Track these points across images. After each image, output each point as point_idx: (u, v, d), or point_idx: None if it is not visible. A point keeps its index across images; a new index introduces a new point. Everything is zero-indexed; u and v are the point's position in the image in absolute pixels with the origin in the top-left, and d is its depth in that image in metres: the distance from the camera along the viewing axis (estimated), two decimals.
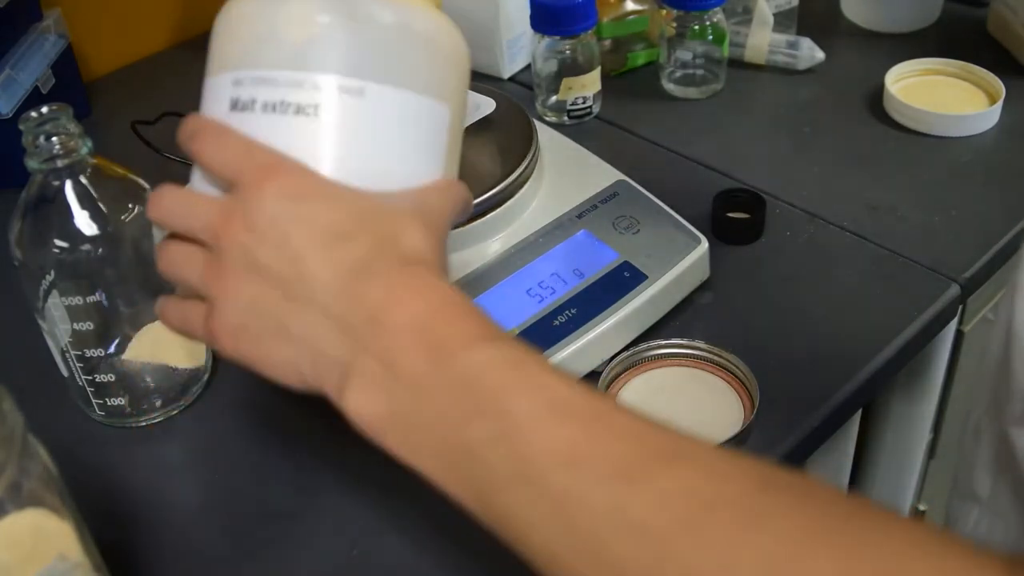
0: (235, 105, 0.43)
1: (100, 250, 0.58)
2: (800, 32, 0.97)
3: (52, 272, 0.58)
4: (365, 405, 0.38)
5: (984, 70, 0.88)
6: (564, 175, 0.72)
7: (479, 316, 0.39)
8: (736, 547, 0.32)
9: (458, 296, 0.40)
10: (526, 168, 0.68)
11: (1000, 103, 0.85)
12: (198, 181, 0.45)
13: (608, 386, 0.63)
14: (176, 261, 0.44)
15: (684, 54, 0.91)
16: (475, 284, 0.64)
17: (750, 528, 0.32)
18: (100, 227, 0.57)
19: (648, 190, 0.71)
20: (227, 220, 0.41)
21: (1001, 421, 0.46)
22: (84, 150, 0.56)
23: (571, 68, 0.87)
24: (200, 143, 0.43)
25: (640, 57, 0.96)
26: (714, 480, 0.34)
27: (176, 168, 0.77)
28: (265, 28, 0.43)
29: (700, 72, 0.92)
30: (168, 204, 0.44)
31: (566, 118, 0.89)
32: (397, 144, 0.44)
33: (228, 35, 0.45)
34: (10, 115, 0.82)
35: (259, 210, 0.40)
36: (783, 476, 0.34)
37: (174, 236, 0.44)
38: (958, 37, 0.98)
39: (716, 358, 0.64)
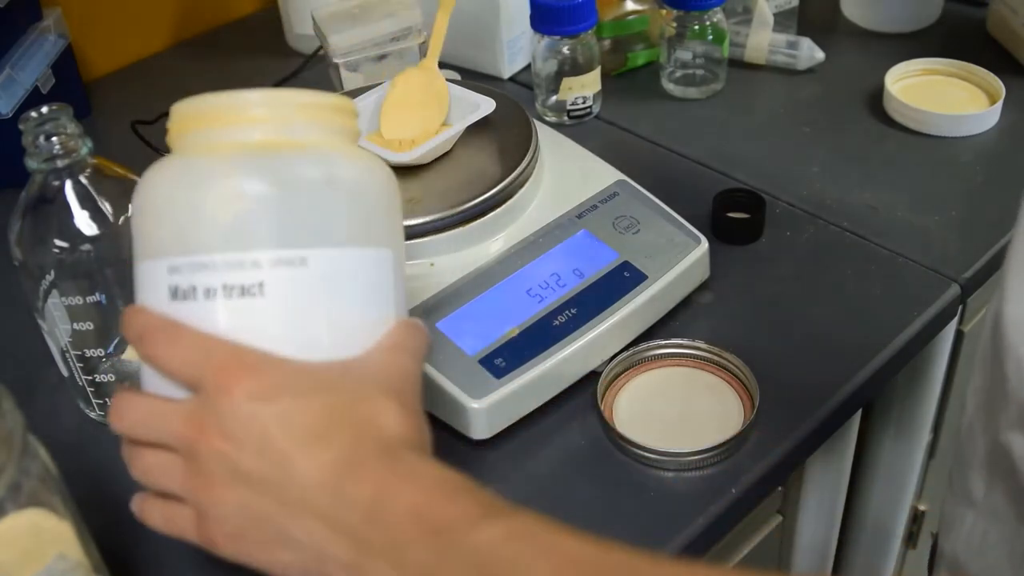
0: (175, 294, 0.42)
1: (100, 250, 0.58)
2: (800, 32, 0.97)
3: (52, 272, 0.58)
4: None
5: (984, 70, 0.88)
6: (564, 175, 0.72)
7: (475, 491, 0.40)
8: None
9: (449, 474, 0.40)
10: (526, 168, 0.68)
11: (1000, 103, 0.85)
12: (153, 381, 0.44)
13: (608, 386, 0.63)
14: (152, 471, 0.43)
15: (684, 54, 0.91)
16: (475, 284, 0.64)
17: None
18: (100, 227, 0.57)
19: (648, 190, 0.71)
20: (200, 429, 0.40)
21: (995, 425, 0.45)
22: (84, 150, 0.56)
23: (571, 68, 0.87)
24: (151, 346, 0.42)
25: (640, 57, 0.96)
26: None
27: None
28: (193, 211, 0.41)
29: (700, 72, 0.92)
30: (133, 417, 0.43)
31: (566, 118, 0.89)
32: (349, 303, 0.43)
33: (155, 219, 0.43)
34: (10, 115, 0.82)
35: (232, 416, 0.40)
36: None
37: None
38: (958, 37, 0.98)
39: (716, 358, 0.64)
